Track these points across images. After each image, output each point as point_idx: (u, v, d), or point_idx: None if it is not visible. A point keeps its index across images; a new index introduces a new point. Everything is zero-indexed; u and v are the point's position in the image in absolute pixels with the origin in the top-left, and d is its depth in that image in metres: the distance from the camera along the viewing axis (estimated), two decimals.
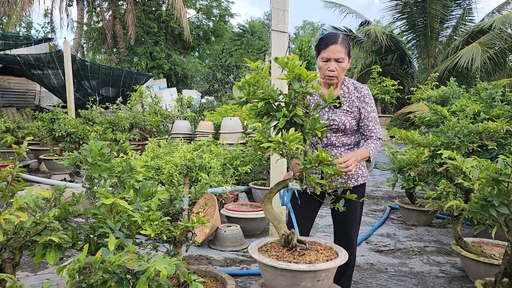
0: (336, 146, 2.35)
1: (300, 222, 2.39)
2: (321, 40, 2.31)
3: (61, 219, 2.02)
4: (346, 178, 2.36)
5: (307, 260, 1.83)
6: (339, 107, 2.32)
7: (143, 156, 5.19)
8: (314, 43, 13.99)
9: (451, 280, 3.16)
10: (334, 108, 2.33)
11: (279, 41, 3.31)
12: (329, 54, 2.22)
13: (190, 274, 1.65)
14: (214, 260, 3.49)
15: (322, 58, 2.27)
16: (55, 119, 6.14)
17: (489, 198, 2.21)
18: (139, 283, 1.30)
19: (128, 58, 17.65)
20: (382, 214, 5.13)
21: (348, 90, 2.35)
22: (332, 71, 2.23)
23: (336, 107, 2.32)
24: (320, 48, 2.28)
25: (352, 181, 2.37)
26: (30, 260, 3.25)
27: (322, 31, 12.88)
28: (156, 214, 2.09)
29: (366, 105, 2.32)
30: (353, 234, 2.43)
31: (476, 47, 11.27)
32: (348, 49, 2.28)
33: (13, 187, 1.92)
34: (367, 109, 2.32)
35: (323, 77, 2.29)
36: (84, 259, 1.32)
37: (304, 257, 1.87)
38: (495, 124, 2.91)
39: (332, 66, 2.23)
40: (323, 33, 11.07)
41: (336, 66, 2.23)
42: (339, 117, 2.30)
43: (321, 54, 2.27)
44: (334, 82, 2.30)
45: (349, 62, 2.31)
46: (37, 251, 1.75)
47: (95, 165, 2.20)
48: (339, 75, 2.26)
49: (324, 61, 2.26)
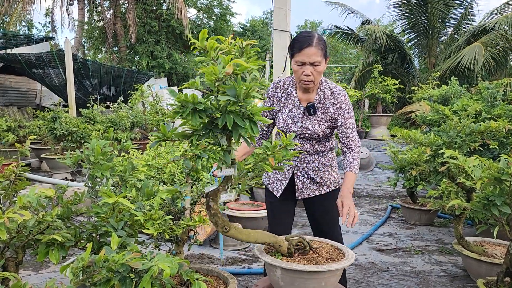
0: (310, 154, 2.29)
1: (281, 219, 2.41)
2: (294, 42, 2.14)
3: (63, 218, 2.02)
4: (318, 185, 2.31)
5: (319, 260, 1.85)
6: (314, 114, 2.21)
7: (145, 155, 5.19)
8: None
9: (452, 280, 3.16)
10: (308, 115, 2.23)
11: (281, 40, 3.31)
12: (303, 58, 2.07)
13: (193, 273, 1.65)
14: (216, 259, 3.49)
15: (296, 61, 2.11)
16: (56, 118, 6.15)
17: (491, 198, 2.21)
18: (142, 282, 1.30)
19: (129, 57, 17.65)
20: (383, 214, 5.13)
21: (324, 95, 2.22)
22: (307, 75, 2.09)
23: (310, 114, 2.22)
24: (293, 51, 2.12)
25: (324, 187, 2.33)
26: (33, 259, 3.26)
27: (324, 30, 12.83)
28: (158, 213, 2.09)
29: (343, 111, 2.20)
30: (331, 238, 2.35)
31: (479, 47, 11.25)
32: (325, 50, 2.13)
33: (16, 186, 1.92)
34: (344, 116, 2.20)
35: (298, 82, 2.17)
36: (88, 257, 1.32)
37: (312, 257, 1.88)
38: (497, 123, 2.91)
39: (307, 71, 2.08)
40: (325, 32, 11.04)
41: (312, 70, 2.09)
42: (312, 125, 2.21)
43: (295, 57, 2.11)
44: (310, 87, 2.17)
45: (326, 63, 2.18)
46: (40, 249, 1.76)
47: (97, 164, 2.21)
48: (315, 79, 2.12)
49: (299, 65, 2.11)
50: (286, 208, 2.43)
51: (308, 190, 2.32)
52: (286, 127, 2.26)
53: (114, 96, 12.39)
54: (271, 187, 2.40)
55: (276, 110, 2.30)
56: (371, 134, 12.34)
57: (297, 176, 2.32)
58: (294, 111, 2.25)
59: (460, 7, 13.94)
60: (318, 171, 2.30)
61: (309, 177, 2.31)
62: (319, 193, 2.33)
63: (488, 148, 4.19)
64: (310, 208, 2.41)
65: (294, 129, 2.24)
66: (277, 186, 2.37)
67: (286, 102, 2.27)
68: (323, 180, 2.31)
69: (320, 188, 2.32)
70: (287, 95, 2.28)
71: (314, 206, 2.37)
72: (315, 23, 30.60)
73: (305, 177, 2.31)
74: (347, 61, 24.17)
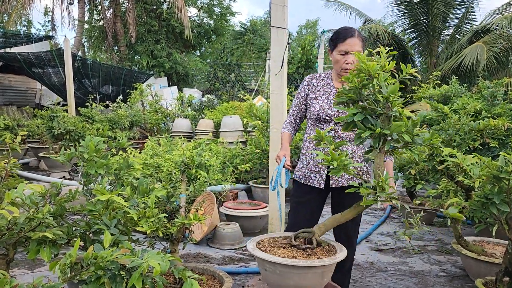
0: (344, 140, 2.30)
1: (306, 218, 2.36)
2: (338, 34, 2.28)
3: (56, 216, 1.99)
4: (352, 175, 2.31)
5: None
6: None
7: (143, 154, 5.16)
8: (316, 42, 13.81)
9: (451, 279, 3.13)
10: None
11: (278, 37, 3.29)
12: (347, 47, 2.21)
13: (185, 270, 1.62)
14: (213, 258, 3.47)
15: (339, 51, 2.24)
16: (54, 116, 6.13)
17: (490, 196, 2.17)
18: (132, 279, 1.28)
19: (129, 57, 17.64)
20: (383, 213, 5.10)
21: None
22: (349, 63, 2.21)
23: None
24: (337, 42, 2.26)
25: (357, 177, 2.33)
26: (27, 257, 3.23)
27: (324, 29, 12.78)
28: (152, 211, 2.07)
29: None
30: (352, 233, 2.39)
31: (481, 46, 11.21)
32: (364, 43, 2.28)
33: (8, 183, 1.90)
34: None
35: (339, 71, 2.27)
36: (76, 254, 1.29)
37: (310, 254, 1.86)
38: (496, 121, 2.89)
39: (350, 59, 2.21)
40: (325, 31, 11.00)
41: (354, 59, 2.19)
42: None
43: (338, 47, 2.24)
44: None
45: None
46: (31, 247, 1.73)
47: (91, 161, 2.18)
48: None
49: (342, 54, 2.23)
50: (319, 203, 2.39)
51: (342, 179, 2.30)
52: (322, 111, 2.30)
53: (113, 96, 12.37)
54: (309, 181, 2.34)
55: (312, 97, 2.37)
56: None
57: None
58: (330, 98, 2.32)
59: (461, 7, 13.90)
60: (352, 159, 2.28)
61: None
62: (352, 181, 2.29)
63: (488, 147, 4.15)
64: (338, 202, 2.36)
65: (331, 113, 2.28)
66: (317, 178, 2.33)
67: (322, 90, 2.35)
68: (356, 169, 2.30)
69: (354, 177, 2.30)
70: (323, 85, 2.38)
71: (344, 198, 2.28)
72: (316, 22, 30.55)
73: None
74: None
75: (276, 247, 1.94)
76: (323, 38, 10.36)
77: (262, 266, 1.82)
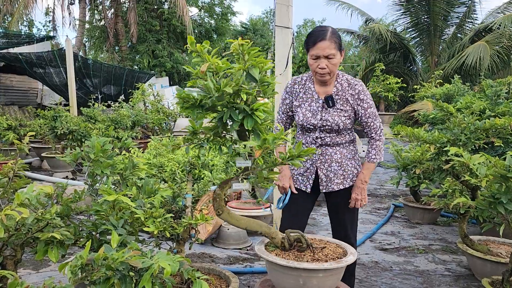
0: (330, 146, 2.29)
1: (296, 217, 2.39)
2: (309, 37, 2.19)
3: (63, 216, 1.99)
4: (342, 178, 2.31)
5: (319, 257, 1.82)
6: (333, 106, 2.23)
7: (146, 153, 5.16)
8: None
9: (457, 279, 3.13)
10: (327, 108, 2.24)
11: (283, 37, 3.28)
12: (318, 52, 2.12)
13: (194, 271, 1.62)
14: (217, 258, 3.46)
15: (311, 56, 2.16)
16: (57, 116, 6.13)
17: (497, 195, 2.17)
18: (143, 280, 1.27)
19: (130, 57, 17.64)
20: (386, 213, 5.09)
21: (341, 87, 2.25)
22: (322, 68, 2.13)
23: (329, 105, 2.23)
24: (308, 46, 2.17)
25: (348, 181, 2.32)
26: (32, 258, 3.23)
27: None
28: (159, 211, 2.06)
29: (362, 102, 2.23)
30: (350, 231, 2.38)
31: (484, 46, 11.19)
32: (339, 43, 2.15)
33: (15, 184, 1.89)
34: (363, 106, 2.23)
35: (314, 75, 2.21)
36: (86, 255, 1.29)
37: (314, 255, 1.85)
38: (502, 120, 2.87)
39: (322, 64, 2.12)
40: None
41: (327, 63, 2.12)
42: (332, 117, 2.22)
43: (310, 51, 2.16)
44: (327, 79, 2.20)
45: (342, 55, 2.19)
46: (39, 248, 1.73)
47: (97, 162, 2.18)
48: (331, 71, 2.15)
49: (314, 59, 2.15)
50: (307, 205, 2.42)
51: (332, 184, 2.31)
52: (306, 121, 2.27)
53: (115, 95, 12.38)
54: (296, 184, 2.39)
55: (296, 105, 2.32)
56: None
57: (321, 169, 2.31)
58: (313, 105, 2.27)
59: (463, 6, 13.87)
60: (341, 163, 2.30)
61: (333, 170, 2.30)
62: (343, 186, 2.31)
63: (493, 146, 4.14)
64: (333, 204, 2.40)
65: (314, 122, 2.25)
66: (303, 182, 2.36)
67: (304, 96, 2.29)
68: (346, 173, 2.31)
69: (344, 182, 2.32)
70: (305, 90, 2.31)
71: (338, 200, 2.35)
72: (315, 22, 30.49)
73: (328, 170, 2.30)
74: (348, 60, 24.11)
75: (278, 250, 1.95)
76: None
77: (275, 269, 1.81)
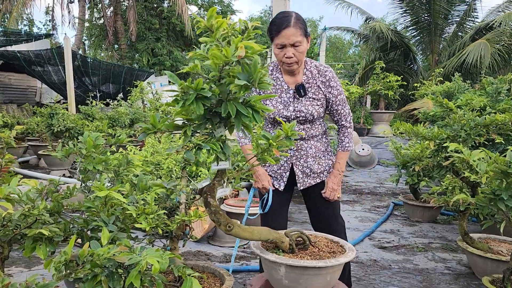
0: (306, 140, 2.21)
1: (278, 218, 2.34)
2: (272, 24, 2.03)
3: (53, 213, 1.95)
4: (318, 172, 2.24)
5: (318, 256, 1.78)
6: (304, 95, 2.13)
7: (143, 151, 5.12)
8: (318, 42, 13.82)
9: (457, 277, 3.08)
10: (299, 97, 2.13)
11: None
12: (283, 40, 1.98)
13: (185, 268, 1.57)
14: (213, 256, 3.42)
15: (276, 45, 2.02)
16: (53, 114, 6.08)
17: (498, 192, 2.12)
18: (130, 277, 1.23)
19: (129, 55, 17.60)
20: (386, 211, 5.05)
21: (311, 74, 2.15)
22: (289, 57, 2.01)
23: (301, 95, 2.12)
24: (272, 35, 2.03)
25: (325, 173, 2.27)
26: (23, 255, 3.19)
27: (325, 27, 12.73)
28: (152, 207, 2.02)
29: (332, 89, 2.14)
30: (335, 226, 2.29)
31: (484, 44, 11.13)
32: (304, 29, 2.02)
33: (3, 178, 1.85)
34: (333, 93, 2.15)
35: (281, 65, 2.10)
36: (71, 251, 1.24)
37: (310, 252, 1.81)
38: (502, 116, 2.83)
39: (289, 53, 2.00)
40: (326, 29, 10.93)
41: (294, 51, 2.00)
42: (305, 107, 2.12)
43: (275, 40, 2.02)
44: (295, 68, 2.08)
45: (309, 42, 2.07)
46: (27, 244, 1.69)
47: (90, 157, 2.13)
48: (299, 59, 2.03)
49: (279, 48, 2.02)
50: (283, 202, 2.36)
51: (309, 179, 2.25)
52: (278, 114, 2.16)
53: (114, 94, 12.34)
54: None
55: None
56: (373, 131, 12.23)
57: (296, 166, 2.25)
58: (283, 96, 2.16)
59: (463, 4, 13.81)
60: (316, 157, 2.23)
61: (308, 165, 2.23)
62: (320, 179, 2.26)
63: (493, 143, 4.09)
64: (311, 198, 2.33)
65: (287, 114, 2.15)
66: (277, 179, 2.29)
67: (273, 88, 2.17)
68: (322, 166, 2.25)
69: (321, 175, 2.26)
70: (273, 81, 2.18)
71: (315, 194, 2.29)
72: (315, 21, 30.39)
73: (304, 165, 2.24)
74: (348, 59, 24.05)
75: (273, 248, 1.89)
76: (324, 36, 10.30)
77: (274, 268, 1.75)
